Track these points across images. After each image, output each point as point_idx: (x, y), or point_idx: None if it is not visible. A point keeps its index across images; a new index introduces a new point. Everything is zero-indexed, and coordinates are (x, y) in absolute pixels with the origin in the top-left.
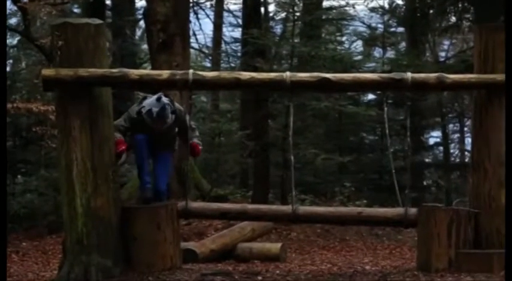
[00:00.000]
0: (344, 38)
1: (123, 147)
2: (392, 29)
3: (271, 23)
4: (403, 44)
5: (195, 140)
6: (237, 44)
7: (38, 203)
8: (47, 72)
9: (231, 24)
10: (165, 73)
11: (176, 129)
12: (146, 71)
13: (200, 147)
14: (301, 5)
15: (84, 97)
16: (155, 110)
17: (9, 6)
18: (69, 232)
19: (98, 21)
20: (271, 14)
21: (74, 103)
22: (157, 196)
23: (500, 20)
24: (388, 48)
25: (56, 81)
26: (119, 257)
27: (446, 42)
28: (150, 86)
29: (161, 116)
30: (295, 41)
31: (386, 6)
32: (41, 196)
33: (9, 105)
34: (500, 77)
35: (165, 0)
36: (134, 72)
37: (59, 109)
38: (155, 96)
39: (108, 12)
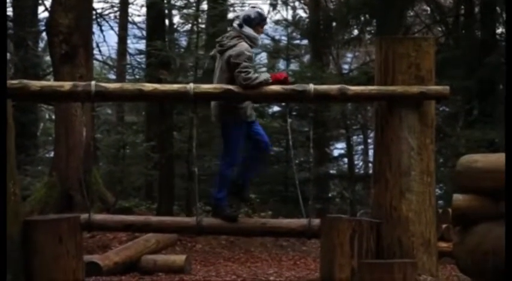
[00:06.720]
0: None
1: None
2: (296, 42)
3: (176, 35)
4: (307, 56)
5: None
6: (142, 56)
7: None
8: None
9: (135, 36)
10: (66, 84)
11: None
12: (47, 82)
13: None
14: (205, 17)
15: None
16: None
17: None
18: None
19: None
20: (175, 26)
21: None
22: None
23: (400, 32)
24: (292, 60)
25: None
26: (20, 271)
27: (350, 55)
28: (52, 97)
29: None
30: (200, 52)
31: (290, 18)
32: None
33: None
34: (400, 88)
35: (67, 12)
36: (35, 84)
37: None
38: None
39: (10, 23)
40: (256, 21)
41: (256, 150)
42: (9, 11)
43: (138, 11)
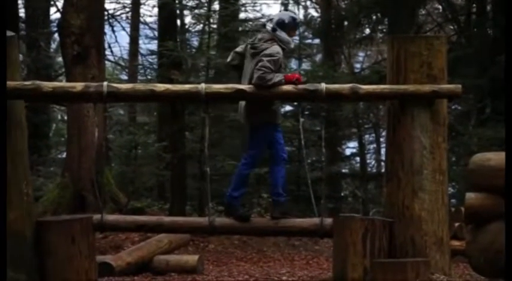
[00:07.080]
0: None
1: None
2: (308, 41)
3: (188, 35)
4: (319, 55)
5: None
6: (153, 56)
7: None
8: None
9: (147, 37)
10: (78, 85)
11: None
12: (59, 83)
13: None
14: (217, 17)
15: None
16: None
17: None
18: None
19: (9, 33)
20: (187, 26)
21: None
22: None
23: (412, 31)
24: (304, 59)
25: None
26: (33, 271)
27: (362, 54)
28: (64, 98)
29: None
30: (211, 53)
31: (302, 18)
32: None
33: None
34: (412, 87)
35: (79, 12)
36: (47, 85)
37: None
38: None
39: (22, 25)
40: (290, 25)
41: (272, 159)
42: (22, 12)
43: (149, 11)
